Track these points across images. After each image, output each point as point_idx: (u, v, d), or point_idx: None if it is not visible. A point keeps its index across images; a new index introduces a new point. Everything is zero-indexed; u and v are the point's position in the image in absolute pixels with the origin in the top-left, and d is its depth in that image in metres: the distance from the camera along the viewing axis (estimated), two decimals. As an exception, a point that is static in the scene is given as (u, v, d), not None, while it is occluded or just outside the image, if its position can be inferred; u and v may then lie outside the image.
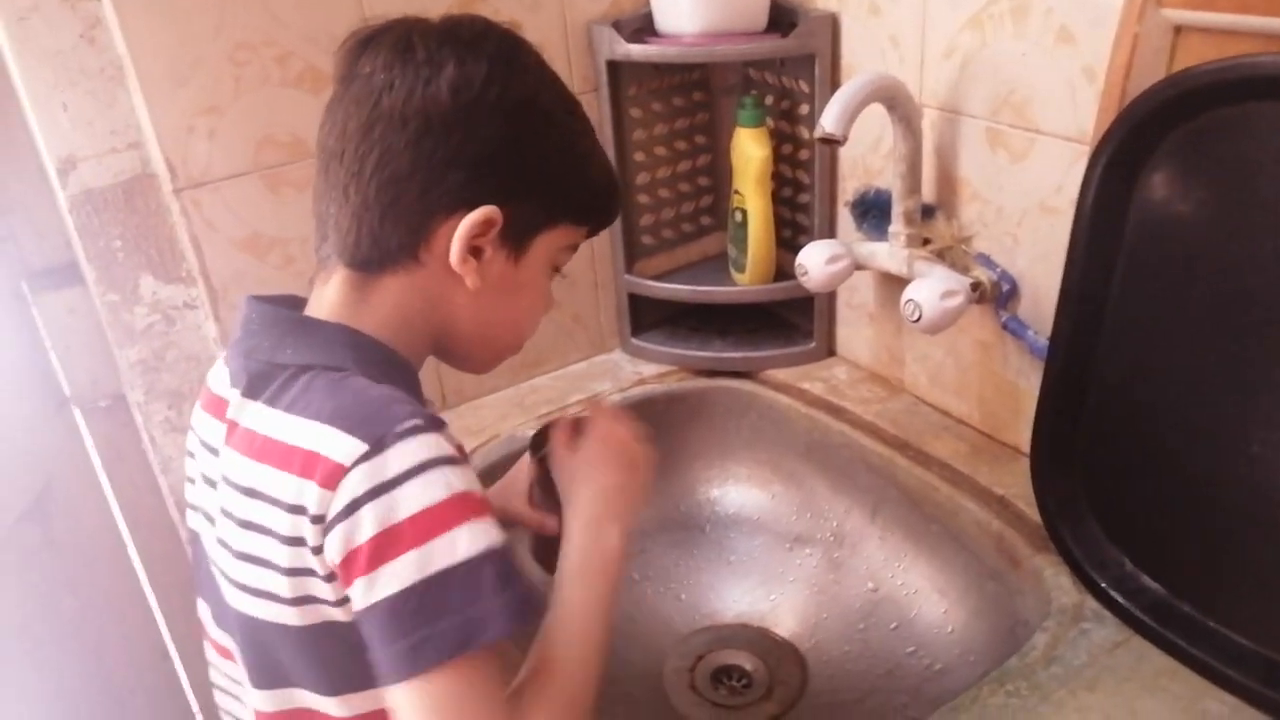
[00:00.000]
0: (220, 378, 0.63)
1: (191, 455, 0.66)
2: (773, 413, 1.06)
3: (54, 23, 0.77)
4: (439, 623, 0.51)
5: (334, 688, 0.58)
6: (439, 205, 0.58)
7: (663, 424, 1.09)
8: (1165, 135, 0.66)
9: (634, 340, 1.15)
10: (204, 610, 0.68)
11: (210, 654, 0.68)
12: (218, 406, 0.62)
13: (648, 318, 1.16)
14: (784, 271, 1.07)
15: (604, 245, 1.10)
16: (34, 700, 0.89)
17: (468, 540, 0.52)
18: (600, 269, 1.12)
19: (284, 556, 0.55)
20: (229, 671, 0.66)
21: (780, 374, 1.09)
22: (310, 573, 0.55)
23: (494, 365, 0.69)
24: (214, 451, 0.61)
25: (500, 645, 0.54)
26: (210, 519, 0.63)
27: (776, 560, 1.02)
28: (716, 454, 1.09)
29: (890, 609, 0.93)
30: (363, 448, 0.52)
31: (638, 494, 0.67)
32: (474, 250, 0.59)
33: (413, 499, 0.52)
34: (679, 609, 1.00)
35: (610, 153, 1.04)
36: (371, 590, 0.52)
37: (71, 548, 0.96)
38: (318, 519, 0.53)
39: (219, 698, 0.70)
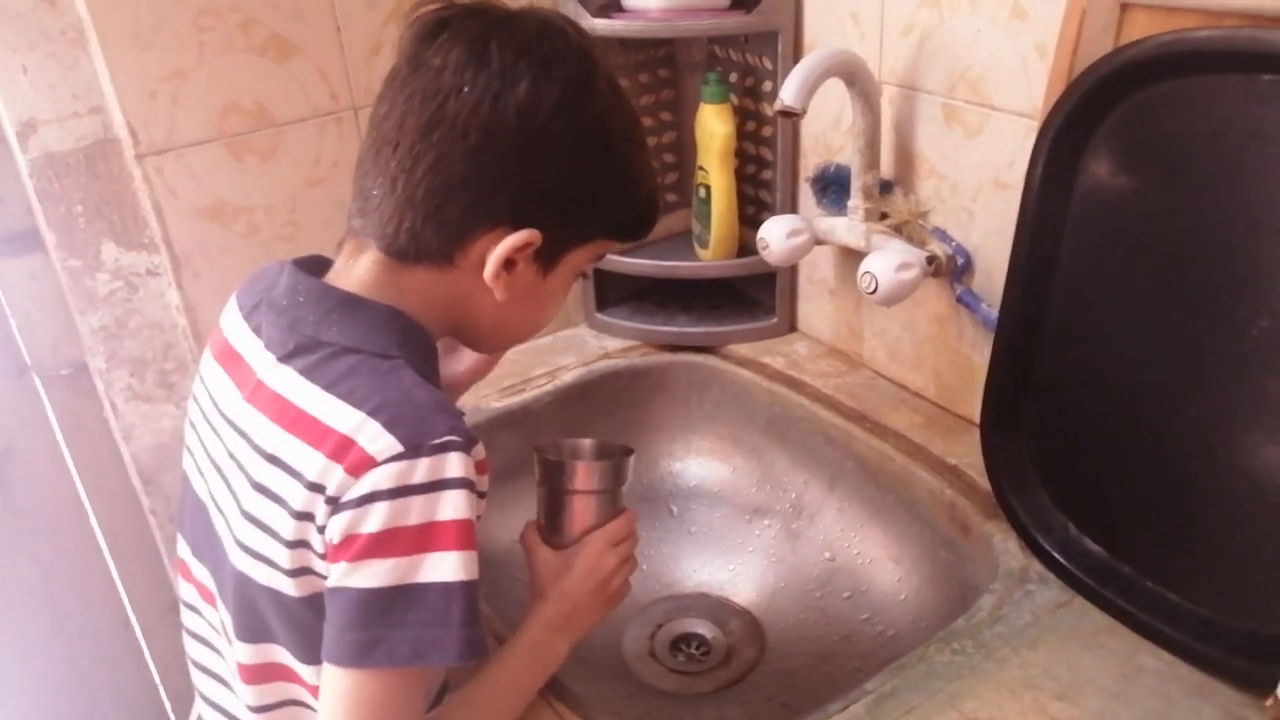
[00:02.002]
0: (242, 333, 0.63)
1: (195, 400, 0.67)
2: (734, 387, 1.08)
3: (14, -17, 0.77)
4: (398, 631, 0.54)
5: (313, 657, 0.58)
6: (483, 219, 0.58)
7: (626, 398, 1.10)
8: (1110, 110, 0.68)
9: (599, 315, 1.16)
10: (184, 549, 0.68)
11: (189, 595, 0.69)
12: (235, 362, 0.62)
13: (612, 293, 1.17)
14: (747, 248, 1.08)
15: (570, 220, 1.11)
16: (-7, 667, 0.89)
17: (453, 566, 0.54)
18: (566, 244, 1.13)
19: (289, 529, 0.56)
20: (209, 618, 0.67)
21: (742, 349, 1.11)
22: (309, 546, 0.56)
23: (503, 351, 0.74)
24: (215, 403, 0.63)
25: (436, 670, 0.58)
26: (204, 470, 0.64)
27: (736, 531, 1.04)
28: (679, 427, 1.11)
29: (846, 578, 0.95)
30: (398, 448, 0.53)
31: (596, 622, 0.71)
32: (508, 263, 0.60)
33: (425, 510, 0.54)
34: (639, 579, 1.00)
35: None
36: (351, 575, 0.54)
37: (32, 514, 0.96)
38: (331, 500, 0.54)
39: (192, 648, 0.70)
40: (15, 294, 0.92)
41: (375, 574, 0.54)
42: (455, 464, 0.55)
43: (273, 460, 0.57)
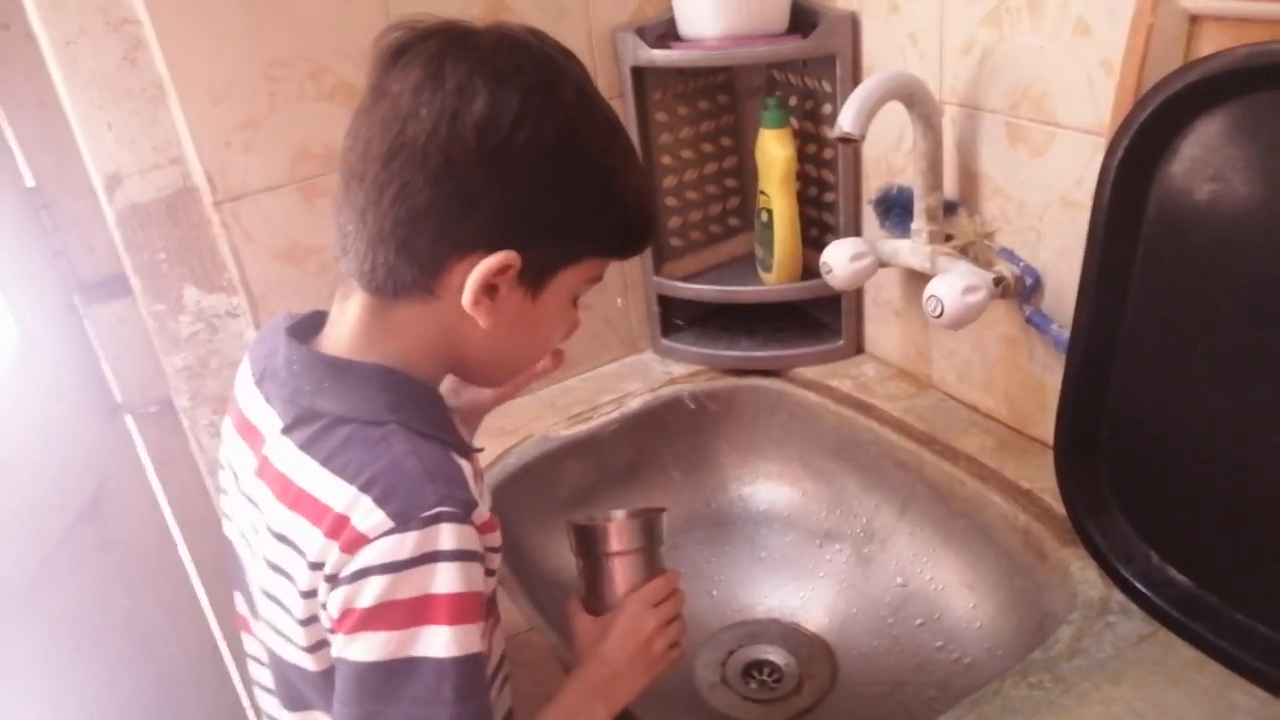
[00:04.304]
0: (256, 403, 0.62)
1: (223, 467, 0.67)
2: (802, 410, 1.07)
3: (98, 46, 0.81)
4: (392, 706, 0.54)
5: None
6: (455, 246, 0.56)
7: (693, 423, 1.10)
8: (1182, 125, 0.66)
9: (664, 341, 1.16)
10: (244, 606, 0.70)
11: (254, 649, 0.70)
12: (251, 434, 0.62)
13: (677, 318, 1.17)
14: (811, 271, 1.07)
15: (633, 247, 1.12)
16: (88, 695, 0.93)
17: (447, 641, 0.53)
18: (629, 271, 1.14)
19: (300, 607, 0.56)
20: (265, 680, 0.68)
21: (809, 372, 1.10)
22: (319, 622, 0.57)
23: (507, 382, 0.70)
24: (236, 476, 0.63)
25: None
26: (241, 534, 0.65)
27: (807, 556, 1.03)
28: (747, 452, 1.10)
29: (919, 604, 0.93)
30: (388, 524, 0.53)
31: (639, 688, 0.69)
32: (489, 288, 0.57)
33: (419, 583, 0.53)
34: (711, 605, 1.01)
35: (636, 156, 1.06)
36: (348, 648, 0.54)
37: (125, 547, 1.00)
38: (330, 577, 0.54)
39: (263, 699, 0.71)
40: (106, 337, 0.96)
41: (369, 648, 0.53)
42: (447, 536, 0.53)
43: (281, 539, 0.57)
